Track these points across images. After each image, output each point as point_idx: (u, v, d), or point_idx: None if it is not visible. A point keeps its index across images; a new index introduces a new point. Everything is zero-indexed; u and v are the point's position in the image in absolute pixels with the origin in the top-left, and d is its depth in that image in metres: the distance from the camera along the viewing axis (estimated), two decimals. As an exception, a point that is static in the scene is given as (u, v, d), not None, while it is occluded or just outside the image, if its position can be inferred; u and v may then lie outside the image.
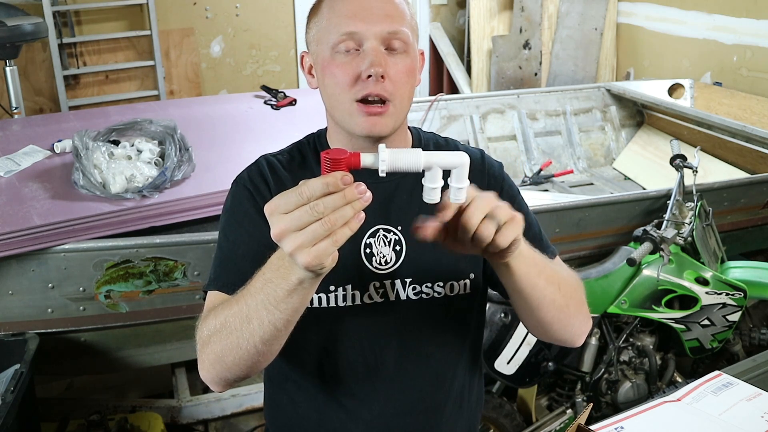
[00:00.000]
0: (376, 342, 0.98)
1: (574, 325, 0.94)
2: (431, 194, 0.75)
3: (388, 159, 0.73)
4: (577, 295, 0.93)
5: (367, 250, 0.96)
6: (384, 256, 0.96)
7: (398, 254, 0.97)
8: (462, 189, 0.75)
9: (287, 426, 1.07)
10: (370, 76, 0.88)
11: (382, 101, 0.90)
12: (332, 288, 0.96)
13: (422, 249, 0.96)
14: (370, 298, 0.97)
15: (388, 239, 0.96)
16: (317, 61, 0.94)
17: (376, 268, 0.96)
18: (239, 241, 0.94)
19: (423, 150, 0.75)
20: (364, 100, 0.89)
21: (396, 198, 0.97)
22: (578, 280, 0.97)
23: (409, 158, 0.74)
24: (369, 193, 0.69)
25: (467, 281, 1.00)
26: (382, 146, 0.74)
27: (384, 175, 0.74)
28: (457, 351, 1.04)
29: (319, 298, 0.96)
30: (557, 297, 0.88)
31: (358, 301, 0.96)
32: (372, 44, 0.88)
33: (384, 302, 0.97)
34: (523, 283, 0.84)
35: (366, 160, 0.73)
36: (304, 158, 1.00)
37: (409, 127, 1.04)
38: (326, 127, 1.03)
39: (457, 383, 1.05)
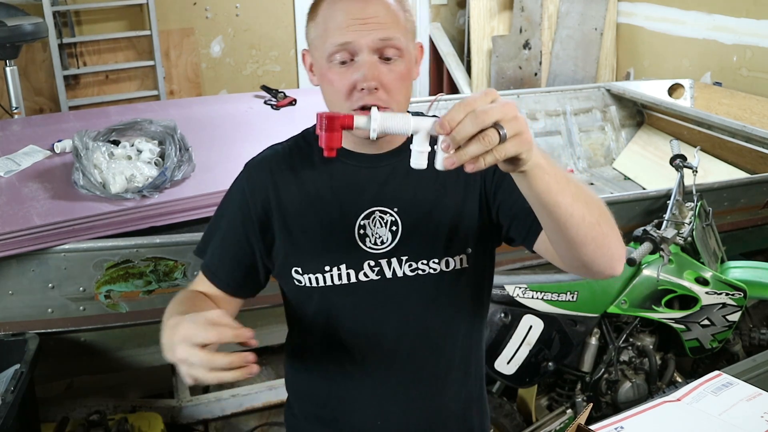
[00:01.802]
0: (374, 316, 1.03)
1: (610, 246, 0.86)
2: (419, 159, 0.76)
3: (379, 122, 0.75)
4: (606, 216, 0.86)
5: (361, 231, 1.00)
6: (380, 237, 1.00)
7: (394, 234, 1.00)
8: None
9: (304, 393, 1.13)
10: (363, 88, 0.91)
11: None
12: (327, 268, 1.00)
13: (419, 228, 1.00)
14: (366, 276, 1.00)
15: (385, 220, 1.00)
16: (316, 66, 0.98)
17: (370, 248, 1.00)
18: (222, 230, 1.06)
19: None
20: (360, 108, 0.92)
21: (391, 180, 1.01)
22: (603, 204, 0.89)
23: (399, 122, 0.76)
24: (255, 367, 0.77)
25: (464, 256, 1.02)
26: (374, 109, 0.76)
27: (375, 136, 0.76)
28: (455, 323, 1.06)
29: (317, 278, 1.01)
30: (586, 213, 0.81)
31: (353, 279, 1.01)
32: (365, 56, 0.91)
33: (380, 279, 1.01)
34: (546, 198, 0.78)
35: (359, 121, 0.76)
36: (309, 146, 1.05)
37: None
38: None
39: (459, 353, 1.08)
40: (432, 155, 0.75)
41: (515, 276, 1.95)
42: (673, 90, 3.54)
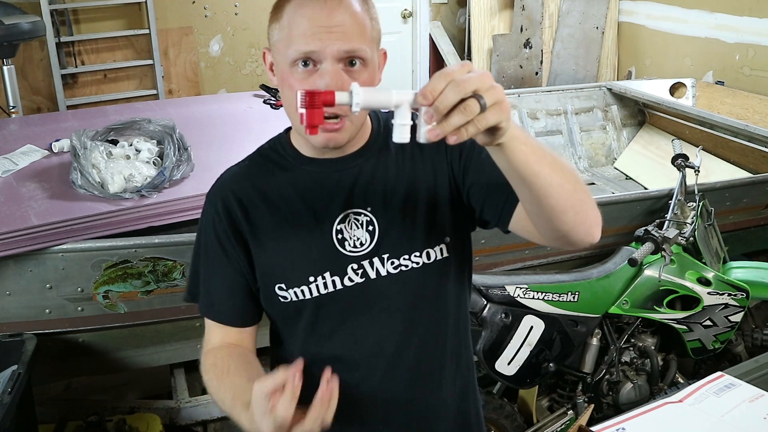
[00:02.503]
0: (363, 319, 1.02)
1: (589, 214, 0.88)
2: (402, 132, 0.75)
3: (362, 96, 0.75)
4: (581, 184, 0.86)
5: (339, 236, 0.99)
6: (358, 239, 0.99)
7: (372, 234, 0.99)
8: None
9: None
10: None
11: (338, 116, 0.92)
12: (311, 279, 0.99)
13: (395, 224, 1.00)
14: (351, 281, 1.00)
15: (360, 221, 0.99)
16: (277, 69, 0.96)
17: (351, 251, 0.99)
18: (207, 265, 1.05)
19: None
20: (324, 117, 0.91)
21: (360, 181, 1.00)
22: (576, 172, 0.90)
23: (381, 96, 0.75)
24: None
25: (443, 246, 1.02)
26: (355, 84, 0.75)
27: (357, 111, 0.75)
28: (444, 313, 1.06)
29: (302, 291, 1.00)
30: (564, 181, 0.82)
31: (339, 286, 1.00)
32: (329, 65, 0.89)
33: (365, 281, 1.00)
34: (524, 169, 0.78)
35: (340, 97, 0.75)
36: (269, 162, 1.04)
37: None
38: (288, 128, 1.06)
39: (450, 343, 1.08)
40: (413, 129, 0.75)
41: (516, 276, 1.94)
42: (674, 89, 3.53)
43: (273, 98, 2.74)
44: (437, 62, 4.68)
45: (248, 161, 1.06)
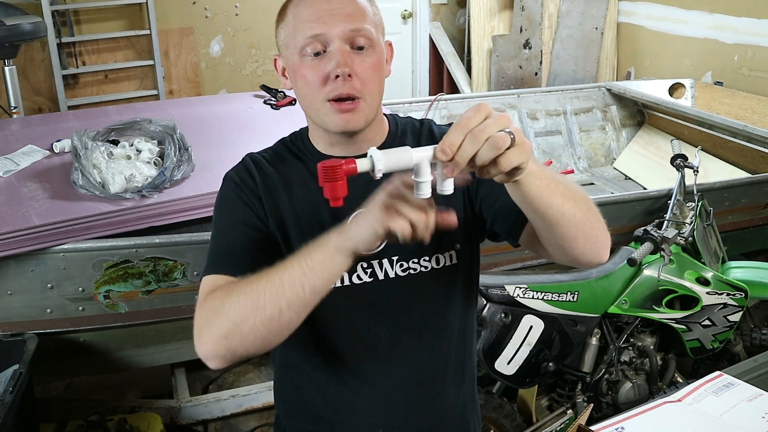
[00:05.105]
0: (368, 319, 1.02)
1: (598, 238, 0.90)
2: (423, 189, 0.76)
3: (384, 161, 0.75)
4: (593, 208, 0.89)
5: None
6: None
7: None
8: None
9: (294, 410, 1.11)
10: (338, 76, 0.91)
11: (353, 98, 0.93)
12: None
13: None
14: (359, 278, 1.00)
15: None
16: (288, 65, 0.98)
17: None
18: (229, 229, 0.99)
19: (403, 140, 0.80)
20: (336, 99, 0.93)
21: (375, 182, 0.99)
22: (588, 196, 0.92)
23: (401, 157, 0.76)
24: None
25: (453, 252, 1.03)
26: (373, 149, 0.76)
27: (380, 176, 0.76)
28: (449, 320, 1.06)
29: None
30: (576, 211, 0.85)
31: (347, 282, 1.00)
32: (337, 45, 0.92)
33: (373, 281, 1.00)
34: (538, 202, 0.81)
35: (362, 165, 0.75)
36: (289, 152, 1.05)
37: (385, 114, 1.07)
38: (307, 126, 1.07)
39: (455, 352, 1.08)
40: (433, 181, 0.75)
41: (515, 276, 1.95)
42: (673, 89, 3.53)
43: (273, 99, 2.74)
44: (437, 63, 4.68)
45: (271, 150, 1.06)
